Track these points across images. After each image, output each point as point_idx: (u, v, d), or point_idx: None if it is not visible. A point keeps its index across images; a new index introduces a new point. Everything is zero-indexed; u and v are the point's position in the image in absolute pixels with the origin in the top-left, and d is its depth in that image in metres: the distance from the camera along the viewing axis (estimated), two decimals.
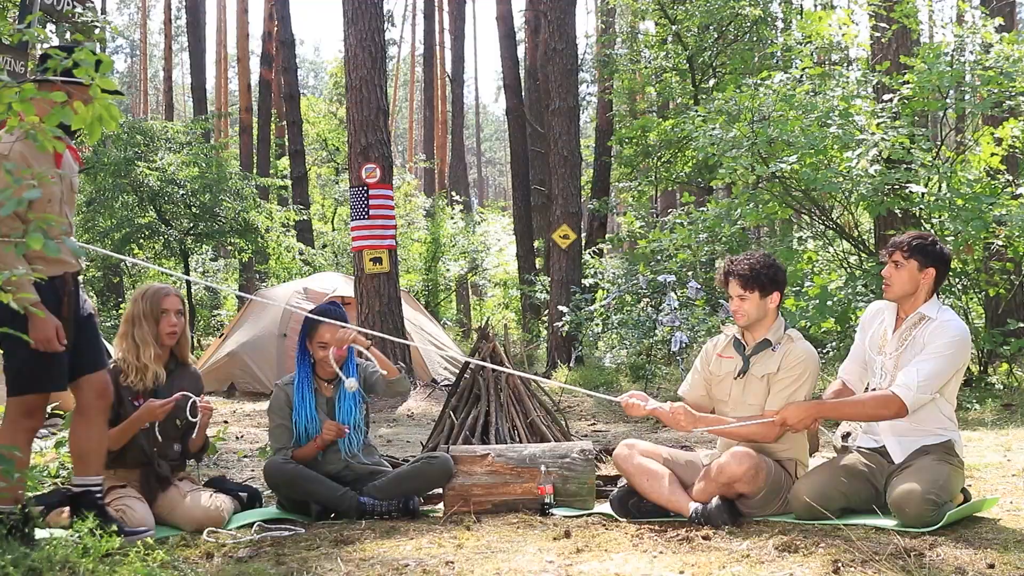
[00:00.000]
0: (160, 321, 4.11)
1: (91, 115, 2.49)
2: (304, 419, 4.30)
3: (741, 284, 3.93)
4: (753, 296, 3.93)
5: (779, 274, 3.97)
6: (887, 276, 3.87)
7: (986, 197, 7.64)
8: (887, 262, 3.88)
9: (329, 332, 4.31)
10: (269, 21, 24.13)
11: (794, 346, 3.95)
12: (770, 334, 3.99)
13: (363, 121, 10.17)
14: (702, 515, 3.71)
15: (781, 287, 3.99)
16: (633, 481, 3.99)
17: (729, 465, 3.75)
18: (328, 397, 4.39)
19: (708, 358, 4.18)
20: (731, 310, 4.05)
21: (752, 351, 4.01)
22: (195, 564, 3.32)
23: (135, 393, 4.08)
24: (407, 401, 9.55)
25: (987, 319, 9.44)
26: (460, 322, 21.82)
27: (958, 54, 8.93)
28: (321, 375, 4.41)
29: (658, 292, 10.33)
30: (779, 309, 4.05)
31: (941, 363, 3.69)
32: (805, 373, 3.90)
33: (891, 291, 3.87)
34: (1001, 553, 3.15)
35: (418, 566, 3.20)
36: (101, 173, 15.20)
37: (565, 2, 13.56)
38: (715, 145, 8.86)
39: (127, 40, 47.68)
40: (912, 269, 3.82)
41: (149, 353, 4.09)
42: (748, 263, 3.94)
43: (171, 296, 4.16)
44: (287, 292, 11.57)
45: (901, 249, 3.83)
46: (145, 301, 4.13)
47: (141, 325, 4.10)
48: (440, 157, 32.08)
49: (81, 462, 3.69)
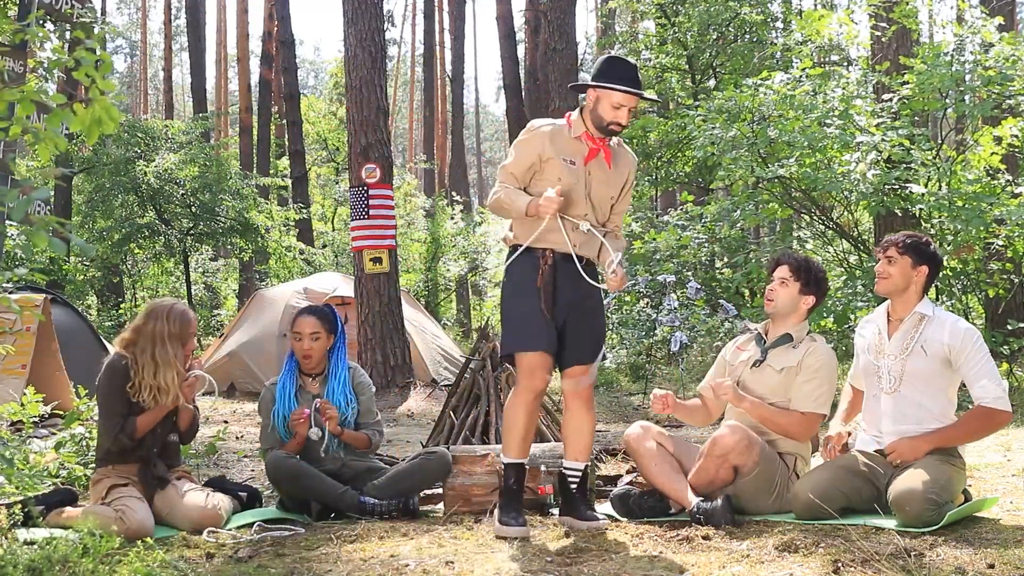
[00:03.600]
0: (186, 344, 4.10)
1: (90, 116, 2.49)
2: (282, 411, 4.30)
3: (790, 269, 4.07)
4: (794, 286, 4.05)
5: (824, 282, 4.14)
6: (881, 270, 3.91)
7: (986, 197, 7.64)
8: (881, 258, 3.93)
9: (307, 324, 4.34)
10: (269, 21, 24.13)
11: (816, 346, 4.03)
12: (793, 331, 4.08)
13: (363, 121, 10.16)
14: (703, 512, 3.70)
15: (820, 295, 4.12)
16: (640, 462, 4.01)
17: (723, 436, 3.82)
18: (315, 394, 4.38)
19: (727, 351, 4.30)
20: (767, 291, 4.14)
21: (772, 344, 4.08)
22: (195, 564, 3.32)
23: (141, 408, 4.04)
24: (407, 401, 9.56)
25: (987, 319, 9.44)
26: (460, 322, 21.80)
27: (958, 54, 8.93)
28: (305, 371, 4.41)
29: (658, 292, 10.32)
30: (808, 314, 4.12)
31: (986, 356, 3.78)
32: (827, 371, 3.98)
33: (885, 284, 3.90)
34: (1001, 553, 3.15)
35: (418, 566, 3.20)
36: (100, 172, 15.21)
37: (565, 2, 13.53)
38: (715, 145, 8.86)
39: (127, 40, 47.69)
40: (905, 266, 3.86)
41: (172, 375, 4.02)
42: (805, 258, 4.15)
43: (194, 320, 4.19)
44: (287, 292, 11.57)
45: (896, 245, 3.88)
46: (173, 322, 4.05)
47: (165, 346, 4.02)
48: (440, 157, 32.07)
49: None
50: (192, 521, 3.88)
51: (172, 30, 34.31)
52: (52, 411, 5.70)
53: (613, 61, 3.88)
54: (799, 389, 3.98)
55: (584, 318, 3.89)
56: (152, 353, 4.02)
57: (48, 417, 5.79)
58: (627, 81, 3.80)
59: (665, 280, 9.55)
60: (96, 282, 17.92)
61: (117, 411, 4.03)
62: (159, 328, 4.04)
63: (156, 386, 4.01)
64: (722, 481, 3.87)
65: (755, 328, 4.23)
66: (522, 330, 3.82)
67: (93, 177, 15.71)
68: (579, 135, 3.87)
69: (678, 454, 4.05)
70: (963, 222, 7.53)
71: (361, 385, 4.46)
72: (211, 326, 19.50)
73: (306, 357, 4.36)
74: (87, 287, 17.86)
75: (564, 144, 3.86)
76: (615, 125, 3.84)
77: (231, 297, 21.39)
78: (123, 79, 46.99)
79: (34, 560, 2.93)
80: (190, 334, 4.13)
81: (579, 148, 3.87)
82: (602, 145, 3.89)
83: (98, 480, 4.08)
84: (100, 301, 18.58)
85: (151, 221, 15.58)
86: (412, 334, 10.77)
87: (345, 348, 4.51)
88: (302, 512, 4.15)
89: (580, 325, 3.88)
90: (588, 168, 3.87)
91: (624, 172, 3.97)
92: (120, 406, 4.03)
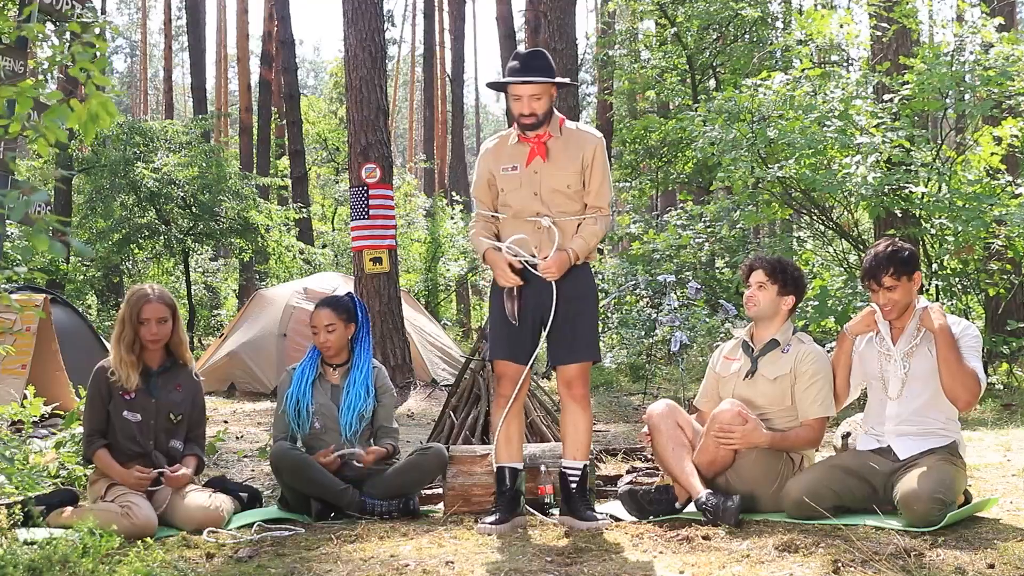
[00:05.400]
0: (138, 329, 4.08)
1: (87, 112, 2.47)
2: (296, 394, 4.31)
3: (766, 272, 4.05)
4: (772, 289, 4.03)
5: (802, 281, 4.12)
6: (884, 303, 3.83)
7: (986, 197, 7.64)
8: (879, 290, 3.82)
9: (321, 317, 4.34)
10: (269, 21, 24.11)
11: (806, 348, 4.01)
12: (779, 335, 4.05)
13: (363, 121, 10.16)
14: (712, 507, 3.68)
15: (799, 295, 4.11)
16: (657, 439, 3.97)
17: (723, 411, 3.84)
18: (335, 384, 4.38)
19: (715, 362, 4.24)
20: (745, 297, 4.12)
21: (760, 352, 4.05)
22: (195, 564, 3.32)
23: (124, 389, 4.09)
24: (407, 401, 9.56)
25: (987, 319, 9.44)
26: (460, 322, 21.79)
27: (958, 54, 8.93)
28: (327, 360, 4.41)
29: (658, 292, 10.32)
30: (791, 315, 4.11)
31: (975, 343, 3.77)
32: (821, 371, 3.96)
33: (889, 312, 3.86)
34: (1001, 553, 3.15)
35: (418, 566, 3.20)
36: (100, 173, 15.20)
37: (565, 2, 13.53)
38: (715, 145, 8.86)
39: (127, 40, 47.68)
40: (905, 284, 3.81)
41: (122, 360, 4.06)
42: (777, 259, 4.13)
43: (152, 303, 4.06)
44: (287, 292, 11.57)
45: (889, 274, 3.79)
46: (127, 305, 4.10)
47: (124, 328, 4.08)
48: (440, 157, 32.06)
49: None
50: (194, 521, 3.88)
51: (172, 30, 34.31)
52: (52, 411, 5.70)
53: (513, 57, 3.88)
54: (802, 398, 3.95)
55: (569, 318, 3.89)
56: (117, 336, 4.10)
57: (48, 417, 5.79)
58: (512, 72, 3.76)
59: (665, 280, 9.54)
60: (96, 282, 17.93)
61: (91, 422, 4.11)
62: (121, 312, 4.12)
63: (118, 373, 4.08)
64: (722, 461, 3.86)
65: (739, 334, 4.20)
66: (493, 338, 3.94)
67: (92, 178, 15.70)
68: (518, 139, 3.91)
69: (695, 443, 4.01)
70: (963, 222, 7.53)
71: (383, 388, 4.43)
72: (211, 326, 19.49)
73: (325, 348, 4.38)
74: (87, 287, 17.86)
75: (505, 153, 3.92)
76: (524, 118, 3.83)
77: (231, 297, 21.38)
78: (123, 79, 47.00)
79: (34, 560, 2.93)
80: (142, 319, 4.04)
81: (521, 151, 3.90)
82: (537, 142, 3.88)
83: (96, 479, 4.10)
84: (100, 301, 18.58)
85: (151, 221, 15.57)
86: (412, 334, 10.77)
87: (370, 338, 4.48)
88: (302, 511, 4.15)
89: (565, 325, 3.89)
90: (532, 168, 3.88)
91: (577, 155, 3.90)
92: (94, 418, 4.10)
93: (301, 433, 4.33)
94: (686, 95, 15.53)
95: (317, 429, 4.31)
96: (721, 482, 3.89)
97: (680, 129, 11.24)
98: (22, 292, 7.52)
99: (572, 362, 3.91)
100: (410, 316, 11.06)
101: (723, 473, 3.89)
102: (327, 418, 4.31)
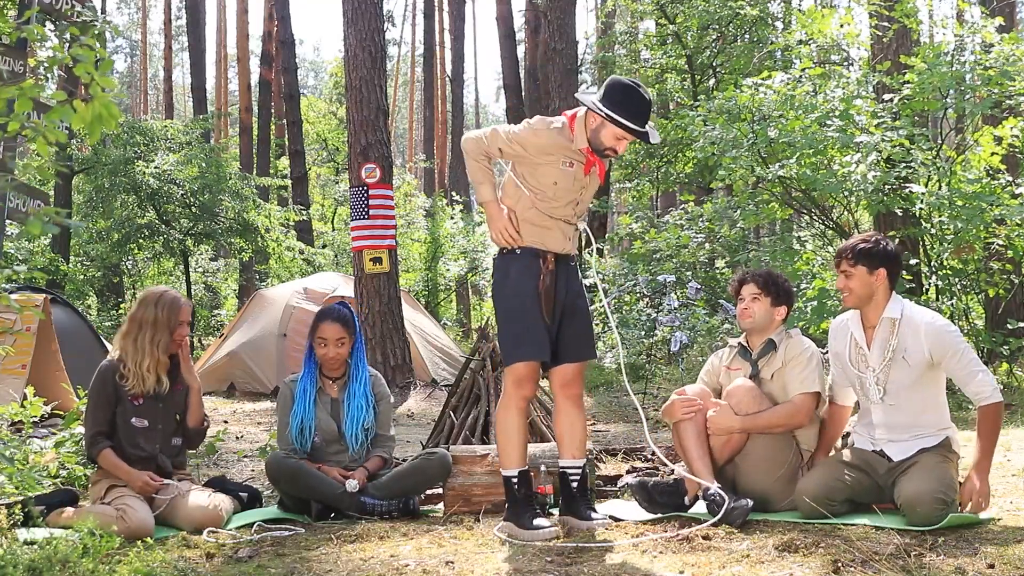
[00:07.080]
0: (175, 332, 4.10)
1: (91, 113, 2.47)
2: (301, 413, 4.29)
3: (758, 285, 4.12)
4: (765, 301, 4.11)
5: (792, 292, 4.22)
6: (841, 287, 3.90)
7: (986, 197, 7.63)
8: (838, 274, 3.90)
9: (332, 331, 4.31)
10: (269, 21, 24.12)
11: (792, 340, 4.10)
12: (774, 336, 4.13)
13: (363, 121, 10.16)
14: (718, 502, 3.68)
15: (789, 305, 4.19)
16: (681, 425, 3.97)
17: (737, 387, 3.93)
18: (334, 397, 4.37)
19: (716, 371, 4.27)
20: (739, 310, 4.18)
21: (759, 354, 4.11)
22: (195, 564, 3.32)
23: (133, 394, 4.08)
24: (407, 401, 9.56)
25: (987, 319, 9.44)
26: (460, 322, 21.79)
27: (958, 54, 8.93)
28: (326, 373, 4.40)
29: (658, 292, 10.32)
30: (782, 324, 4.17)
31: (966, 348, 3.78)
32: (807, 353, 4.02)
33: (850, 300, 3.90)
34: (1001, 553, 3.15)
35: (418, 566, 3.20)
36: (100, 173, 15.21)
37: (565, 2, 13.55)
38: (715, 145, 8.86)
39: (127, 40, 47.68)
40: (862, 275, 3.83)
41: (152, 363, 4.05)
42: (767, 272, 4.22)
43: (185, 306, 4.15)
44: (287, 292, 11.57)
45: (847, 258, 3.85)
46: (162, 309, 4.07)
47: (153, 332, 4.05)
48: (440, 157, 32.07)
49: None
50: (194, 521, 3.88)
51: (172, 30, 34.33)
52: (52, 411, 5.70)
53: (630, 92, 3.76)
54: (790, 380, 4.02)
55: (576, 317, 3.89)
56: (136, 339, 4.06)
57: (48, 417, 5.79)
58: (639, 119, 3.74)
59: (665, 280, 9.55)
60: (96, 282, 17.93)
61: (95, 423, 4.09)
62: (148, 315, 4.08)
63: (136, 373, 4.06)
64: (733, 445, 3.90)
65: (734, 342, 4.26)
66: (523, 339, 3.79)
67: (93, 178, 15.70)
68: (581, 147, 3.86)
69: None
70: (963, 222, 7.52)
71: (380, 395, 4.43)
72: (211, 326, 19.49)
73: (332, 362, 4.35)
74: (87, 287, 17.86)
75: (566, 148, 3.86)
76: (611, 151, 3.84)
77: (231, 297, 21.38)
78: (123, 79, 47.00)
79: (34, 560, 2.93)
80: (179, 322, 4.10)
81: (578, 155, 3.88)
82: (597, 159, 3.89)
83: (97, 480, 4.10)
84: (100, 301, 18.58)
85: (151, 221, 15.58)
86: (412, 334, 10.77)
87: (363, 349, 4.49)
88: (302, 512, 4.15)
89: (572, 324, 3.88)
90: (589, 177, 3.91)
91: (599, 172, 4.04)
92: (99, 419, 4.08)
93: (302, 451, 4.31)
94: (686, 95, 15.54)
95: (317, 444, 4.32)
96: (729, 471, 3.93)
97: (680, 129, 11.24)
98: (22, 292, 7.52)
99: (575, 360, 3.91)
100: (410, 316, 11.06)
101: (732, 459, 3.93)
102: (326, 432, 4.32)
